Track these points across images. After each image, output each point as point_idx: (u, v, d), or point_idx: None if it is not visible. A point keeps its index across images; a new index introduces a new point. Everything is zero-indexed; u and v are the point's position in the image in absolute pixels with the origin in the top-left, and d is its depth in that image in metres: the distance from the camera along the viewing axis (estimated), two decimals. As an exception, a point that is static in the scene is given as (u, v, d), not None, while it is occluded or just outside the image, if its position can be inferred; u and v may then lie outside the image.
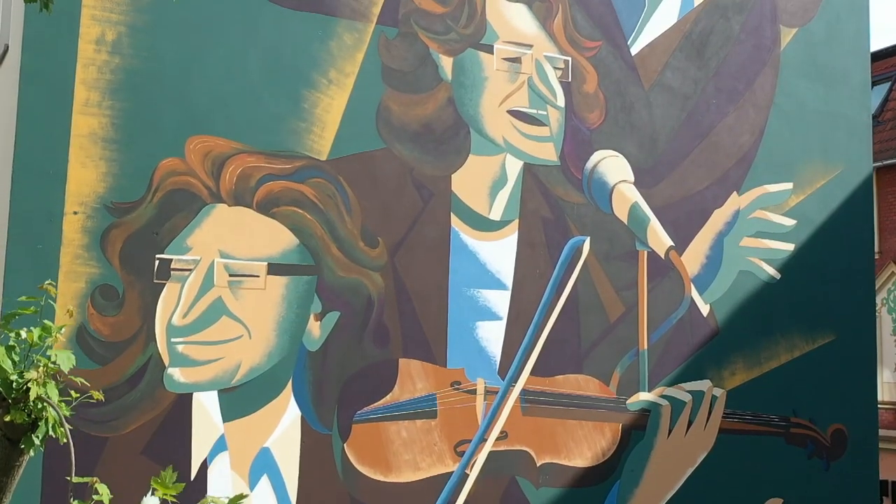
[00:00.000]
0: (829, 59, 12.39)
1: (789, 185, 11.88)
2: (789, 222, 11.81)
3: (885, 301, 21.82)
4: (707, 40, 11.56)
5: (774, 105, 11.92)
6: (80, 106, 8.58)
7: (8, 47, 9.65)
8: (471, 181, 10.10)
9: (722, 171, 11.52)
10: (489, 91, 10.27)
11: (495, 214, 10.21)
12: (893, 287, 21.79)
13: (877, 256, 19.92)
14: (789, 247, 11.77)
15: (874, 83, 22.26)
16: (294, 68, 9.42)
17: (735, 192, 11.54)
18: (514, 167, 10.33)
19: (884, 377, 21.14)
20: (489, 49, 10.29)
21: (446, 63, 10.11)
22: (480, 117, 10.22)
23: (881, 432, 14.17)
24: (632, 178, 10.90)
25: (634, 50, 11.12)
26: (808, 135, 12.09)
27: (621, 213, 10.81)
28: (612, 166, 10.83)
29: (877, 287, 20.42)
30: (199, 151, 8.94)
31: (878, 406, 15.20)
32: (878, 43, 57.74)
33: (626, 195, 10.85)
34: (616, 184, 10.82)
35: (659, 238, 10.95)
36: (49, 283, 3.78)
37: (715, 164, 11.46)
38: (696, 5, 11.54)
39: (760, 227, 11.63)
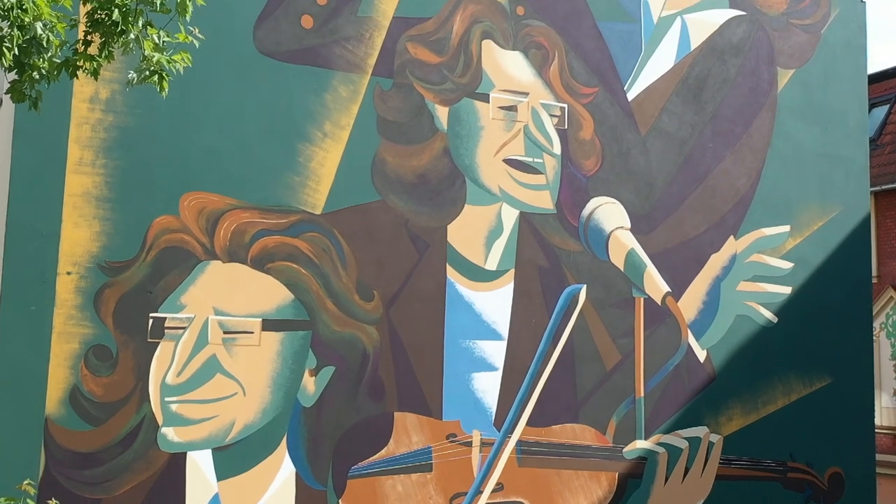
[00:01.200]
0: (827, 100, 12.36)
1: (786, 228, 11.85)
2: (787, 265, 11.78)
3: (883, 326, 21.76)
4: (704, 84, 11.53)
5: (771, 147, 11.90)
6: (74, 165, 8.55)
7: (2, 101, 9.61)
8: (466, 231, 10.07)
9: (719, 215, 11.49)
10: (485, 140, 10.24)
11: (491, 264, 10.18)
12: (892, 312, 21.73)
13: (875, 281, 19.89)
14: (786, 290, 11.74)
15: (872, 105, 22.23)
16: (289, 122, 9.39)
17: (732, 237, 11.51)
18: (509, 216, 10.29)
19: (882, 402, 21.08)
20: (485, 98, 10.26)
21: (442, 113, 10.08)
22: (476, 167, 10.19)
23: (879, 457, 14.14)
24: (628, 225, 10.87)
25: (631, 95, 11.09)
26: (805, 176, 12.06)
27: (618, 259, 10.78)
28: (609, 213, 10.80)
29: (875, 312, 20.39)
30: (194, 208, 8.91)
31: (876, 431, 15.19)
32: (876, 65, 57.73)
33: (623, 242, 10.82)
34: (612, 230, 10.79)
35: (655, 284, 10.92)
36: (28, 483, 3.74)
37: (712, 208, 11.43)
38: (692, 49, 11.51)
39: (758, 271, 11.60)
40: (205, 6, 5.68)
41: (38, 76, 5.03)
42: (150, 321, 8.66)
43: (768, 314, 11.61)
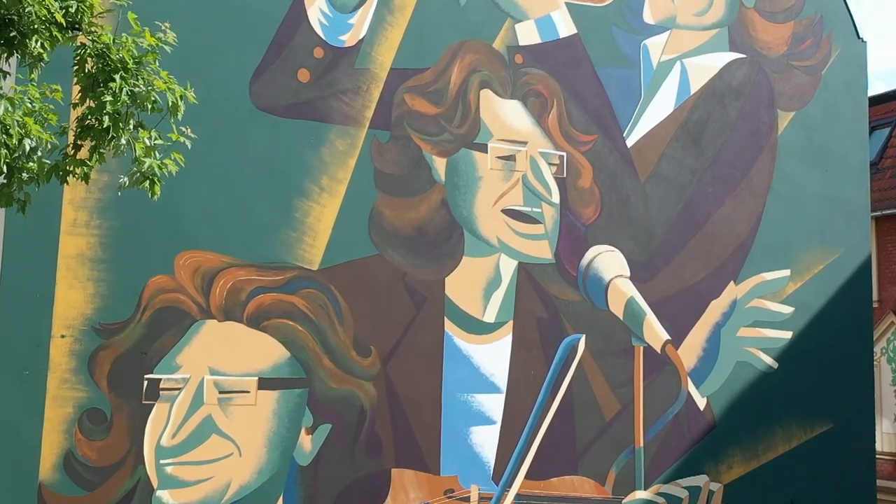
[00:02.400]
0: (827, 141, 12.29)
1: (787, 272, 11.78)
2: (787, 310, 11.71)
3: (884, 351, 21.67)
4: (704, 128, 11.46)
5: (772, 191, 11.82)
6: (68, 226, 8.47)
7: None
8: (464, 283, 9.99)
9: (719, 260, 11.41)
10: (483, 191, 10.16)
11: (489, 316, 10.10)
12: (893, 337, 21.64)
13: (875, 306, 19.81)
14: (787, 335, 11.67)
15: (873, 128, 22.11)
16: (285, 177, 9.32)
17: (732, 282, 11.44)
18: (508, 267, 10.22)
19: (883, 428, 21.00)
20: (483, 148, 10.19)
21: (440, 164, 10.00)
22: (474, 218, 10.11)
23: (879, 483, 14.04)
24: (627, 273, 10.80)
25: (630, 141, 11.02)
26: (806, 220, 11.99)
27: (617, 308, 10.70)
28: (608, 261, 10.73)
29: (875, 337, 20.28)
30: (189, 267, 8.84)
31: (877, 457, 15.12)
32: (877, 88, 57.64)
33: (622, 290, 10.74)
34: (612, 279, 10.71)
35: (655, 332, 10.84)
36: None
37: (712, 253, 11.36)
38: (692, 93, 11.43)
39: (758, 317, 11.53)
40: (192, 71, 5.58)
41: (27, 177, 4.95)
42: (145, 383, 8.59)
43: (768, 360, 11.54)
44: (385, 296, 9.63)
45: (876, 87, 56.08)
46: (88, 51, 4.62)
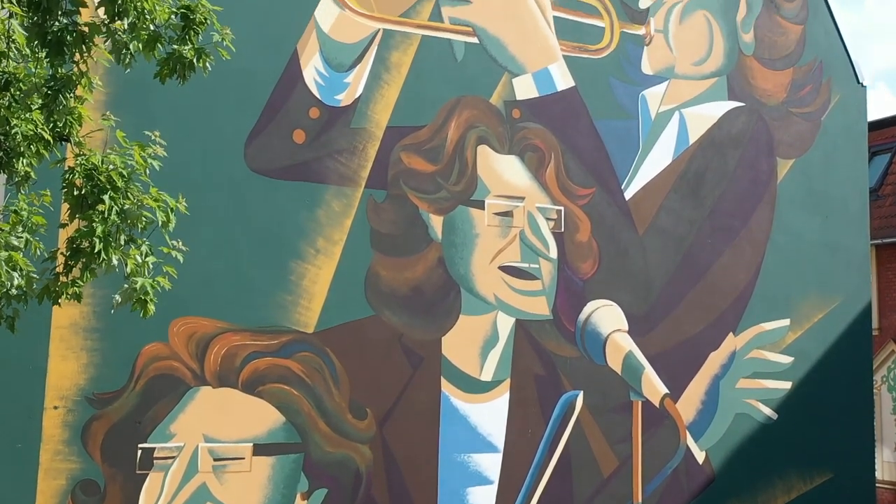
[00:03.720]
0: (827, 188, 12.22)
1: (786, 322, 11.72)
2: (786, 360, 11.65)
3: (884, 379, 21.60)
4: (703, 179, 11.39)
5: (771, 240, 11.76)
6: (61, 296, 8.38)
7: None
8: (461, 342, 9.92)
9: (718, 311, 11.35)
10: (480, 248, 10.09)
11: (486, 375, 10.03)
12: (893, 365, 21.57)
13: (876, 334, 19.71)
14: (786, 385, 11.61)
15: (873, 154, 21.99)
16: (281, 240, 9.25)
17: (731, 333, 11.37)
18: (505, 324, 10.15)
19: (883, 456, 20.94)
20: (480, 204, 10.12)
21: (436, 222, 9.93)
22: (471, 276, 10.04)
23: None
24: (626, 327, 10.73)
25: (629, 193, 10.95)
26: (805, 268, 11.92)
27: (615, 363, 10.63)
28: (606, 316, 10.66)
29: (875, 366, 20.20)
30: (183, 334, 8.77)
31: (878, 486, 15.04)
32: (879, 88, 57.56)
33: (621, 345, 10.68)
34: (610, 334, 10.64)
35: (654, 386, 10.77)
36: None
37: (710, 305, 11.29)
38: (691, 143, 11.37)
39: (757, 367, 11.46)
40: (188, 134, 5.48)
41: (15, 293, 4.89)
42: (139, 452, 8.52)
43: (768, 411, 11.47)
44: (381, 357, 9.57)
45: (878, 88, 56.04)
46: (77, 174, 4.56)
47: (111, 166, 4.65)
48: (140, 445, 8.54)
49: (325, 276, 9.40)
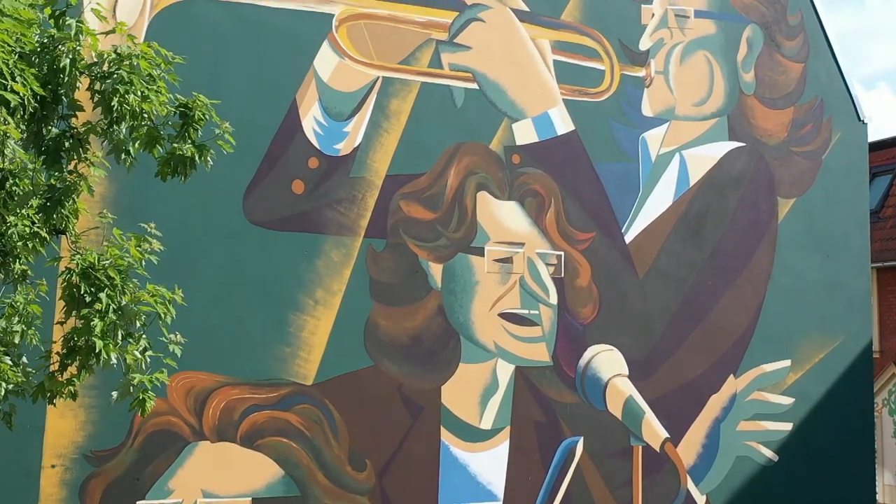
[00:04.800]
0: (828, 227, 12.18)
1: (787, 363, 11.67)
2: (787, 401, 11.60)
3: (885, 402, 21.56)
4: (703, 220, 11.35)
5: (772, 280, 11.71)
6: (59, 353, 8.35)
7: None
8: (461, 391, 9.89)
9: (718, 354, 11.30)
10: (480, 295, 10.05)
11: (486, 423, 9.99)
12: (894, 388, 21.53)
13: (876, 356, 19.67)
14: (787, 426, 11.56)
15: (874, 175, 21.92)
16: (279, 292, 9.21)
17: (732, 375, 11.33)
18: (505, 372, 10.11)
19: (884, 479, 20.91)
20: (480, 251, 10.08)
21: (436, 270, 9.89)
22: (471, 324, 10.00)
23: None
24: (626, 371, 10.69)
25: (629, 237, 10.91)
26: (806, 308, 11.88)
27: (615, 408, 10.59)
28: (606, 361, 10.62)
29: (876, 389, 20.16)
30: (182, 389, 8.73)
31: None
32: (881, 88, 57.60)
33: (621, 389, 10.64)
34: (610, 379, 10.60)
35: (654, 431, 10.73)
36: None
37: (711, 347, 11.25)
38: (691, 185, 11.33)
39: (758, 409, 11.42)
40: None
41: (11, 388, 4.86)
42: (138, 509, 8.48)
43: (769, 453, 11.42)
44: (380, 408, 9.53)
45: (879, 88, 56.07)
46: (73, 274, 4.53)
47: (108, 262, 4.61)
48: (139, 502, 8.50)
49: (325, 327, 9.37)
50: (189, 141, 4.71)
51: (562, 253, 10.49)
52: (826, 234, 12.16)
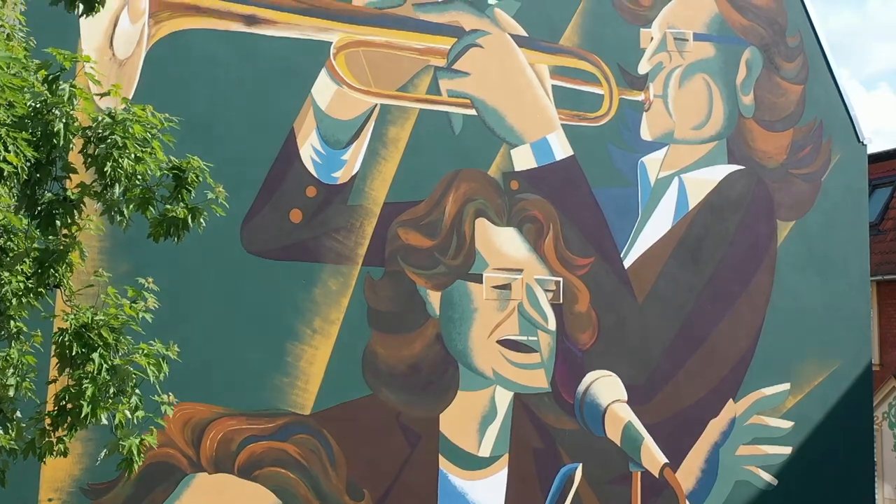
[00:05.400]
0: (827, 249, 12.14)
1: (787, 386, 11.64)
2: (787, 424, 11.57)
3: (885, 415, 21.53)
4: (702, 244, 11.32)
5: (771, 304, 11.68)
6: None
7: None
8: (459, 419, 9.87)
9: (717, 378, 11.27)
10: (478, 322, 10.03)
11: (485, 451, 9.97)
12: (894, 402, 21.50)
13: (876, 369, 19.63)
14: (787, 450, 11.52)
15: (874, 187, 21.85)
16: (277, 321, 9.20)
17: (731, 399, 11.30)
18: (503, 399, 10.09)
19: (884, 493, 20.88)
20: (478, 278, 10.06)
21: (434, 298, 9.87)
22: (469, 351, 9.98)
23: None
24: (625, 397, 10.66)
25: (628, 262, 10.89)
26: (805, 331, 11.84)
27: (614, 434, 10.57)
28: (605, 387, 10.59)
29: (876, 402, 20.12)
30: (179, 420, 8.71)
31: None
32: (882, 88, 57.57)
33: (619, 415, 10.61)
34: (609, 405, 10.58)
35: (653, 456, 10.70)
36: None
37: (710, 372, 11.22)
38: (690, 209, 11.30)
39: (757, 433, 11.39)
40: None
41: (5, 450, 4.84)
42: (135, 542, 8.46)
43: (768, 477, 11.40)
44: (379, 437, 9.51)
45: (880, 88, 56.06)
46: (67, 334, 4.51)
47: (102, 321, 4.59)
48: (135, 535, 8.49)
49: (322, 356, 9.35)
50: (182, 203, 4.69)
51: (560, 279, 10.47)
52: (825, 257, 12.13)
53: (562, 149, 10.64)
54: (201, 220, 4.83)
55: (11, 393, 4.90)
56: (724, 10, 11.74)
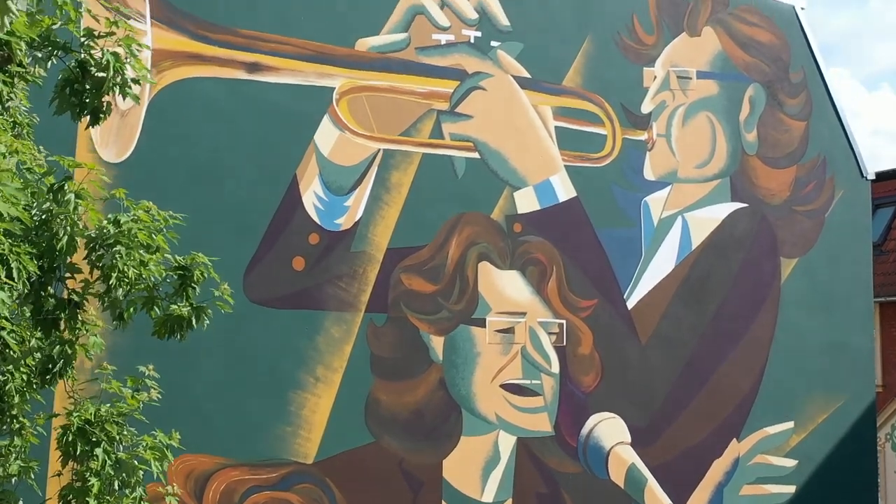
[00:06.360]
0: (831, 286, 12.11)
1: (790, 425, 11.61)
2: (790, 463, 11.54)
3: (888, 437, 21.49)
4: (706, 284, 11.29)
5: (775, 342, 11.65)
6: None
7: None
8: (462, 464, 9.84)
9: (721, 417, 11.25)
10: (481, 367, 10.01)
11: (488, 496, 9.94)
12: (897, 423, 21.45)
13: (879, 391, 19.57)
14: (790, 489, 11.49)
15: (877, 206, 21.77)
16: (280, 371, 9.17)
17: (735, 439, 11.27)
18: (507, 443, 10.06)
19: (887, 515, 20.84)
20: (481, 322, 10.03)
21: (437, 343, 9.85)
22: (473, 396, 9.95)
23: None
24: (628, 439, 10.63)
25: (631, 302, 10.86)
26: (809, 368, 11.81)
27: (618, 477, 10.54)
28: (608, 429, 10.56)
29: (879, 423, 20.05)
30: (182, 472, 8.68)
31: None
32: (883, 88, 57.48)
33: (623, 458, 10.58)
34: (612, 447, 10.55)
35: (657, 498, 10.68)
36: None
37: (714, 412, 11.19)
38: (693, 248, 11.27)
39: (761, 473, 11.36)
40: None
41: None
42: None
43: (772, 516, 11.37)
44: (381, 484, 9.48)
45: (881, 88, 56.00)
46: (70, 432, 4.49)
47: (105, 414, 4.56)
48: (138, 589, 8.45)
49: (325, 404, 9.32)
50: (187, 301, 4.66)
51: (563, 321, 10.44)
52: (829, 294, 12.10)
53: (565, 190, 10.61)
54: (204, 319, 4.78)
55: (14, 481, 4.87)
56: (728, 47, 11.71)
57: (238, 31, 9.22)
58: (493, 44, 10.36)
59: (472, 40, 10.25)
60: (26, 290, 3.97)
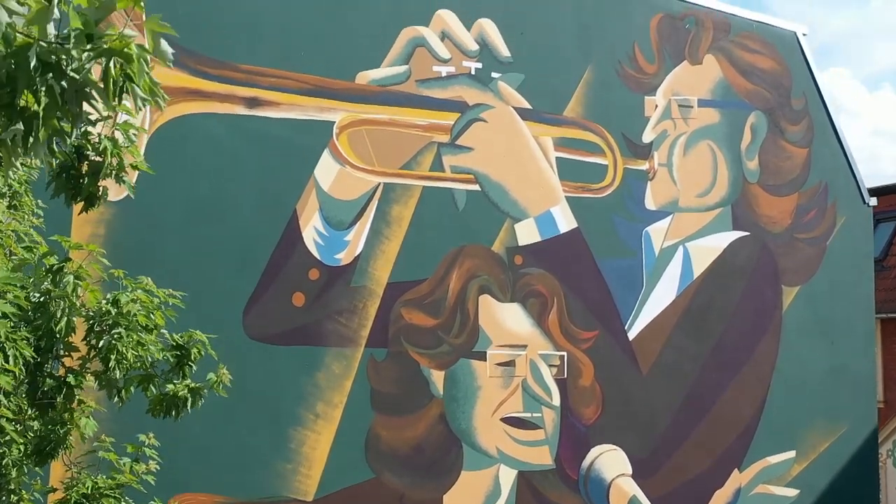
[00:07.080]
0: (833, 313, 12.09)
1: (792, 454, 11.59)
2: (792, 493, 11.52)
3: (890, 453, 21.44)
4: (707, 313, 11.25)
5: (776, 370, 11.62)
6: (57, 478, 8.27)
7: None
8: (463, 499, 9.80)
9: (722, 447, 11.22)
10: (482, 401, 9.97)
11: (489, 531, 9.90)
12: (899, 439, 21.41)
13: (881, 406, 19.50)
14: (792, 519, 11.47)
15: (879, 220, 21.71)
16: (279, 407, 9.13)
17: (736, 469, 11.24)
18: (507, 477, 10.02)
19: (889, 532, 20.79)
20: (482, 356, 10.00)
21: (437, 377, 9.81)
22: (473, 430, 9.92)
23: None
24: (629, 471, 10.60)
25: (632, 333, 10.82)
26: (811, 396, 11.78)
27: (619, 509, 10.51)
28: (609, 462, 10.54)
29: (881, 439, 20.01)
30: (181, 512, 8.64)
31: None
32: (884, 88, 57.41)
33: (624, 489, 10.55)
34: (613, 479, 10.52)
35: (658, 530, 10.65)
36: None
37: (715, 442, 11.16)
38: (695, 278, 11.23)
39: (763, 503, 11.32)
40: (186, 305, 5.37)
41: None
42: None
43: (773, 546, 11.34)
44: (382, 520, 9.45)
45: (883, 88, 55.91)
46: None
47: (102, 489, 4.53)
48: None
49: (325, 440, 9.29)
50: (184, 379, 4.62)
51: (564, 353, 10.40)
52: (830, 321, 12.07)
53: (566, 221, 10.57)
54: (199, 401, 4.74)
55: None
56: (729, 75, 11.67)
57: (237, 66, 9.18)
58: (494, 75, 10.33)
59: (472, 72, 10.21)
60: (22, 376, 3.94)
